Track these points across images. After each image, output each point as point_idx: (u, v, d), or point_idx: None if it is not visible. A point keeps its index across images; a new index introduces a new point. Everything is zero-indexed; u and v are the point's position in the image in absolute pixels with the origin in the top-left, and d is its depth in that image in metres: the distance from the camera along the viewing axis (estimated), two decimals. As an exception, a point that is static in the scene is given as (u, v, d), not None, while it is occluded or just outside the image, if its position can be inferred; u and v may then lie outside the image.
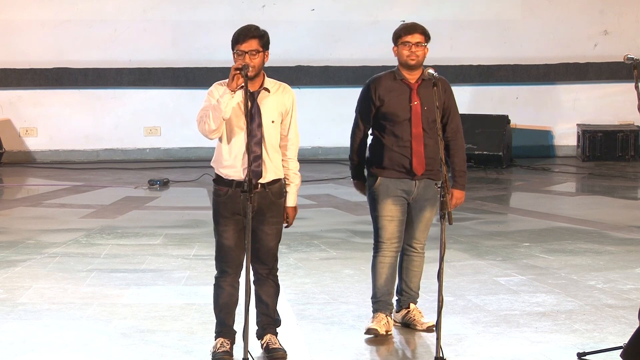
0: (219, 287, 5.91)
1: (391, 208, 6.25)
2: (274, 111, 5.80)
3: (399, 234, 6.30)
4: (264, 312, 5.99)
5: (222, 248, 5.85)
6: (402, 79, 6.27)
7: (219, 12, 14.92)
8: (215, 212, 5.85)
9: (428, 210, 6.34)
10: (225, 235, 5.81)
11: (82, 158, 15.09)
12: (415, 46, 6.17)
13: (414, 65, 6.21)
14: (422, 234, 6.40)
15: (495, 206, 11.50)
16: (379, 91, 6.27)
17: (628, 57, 5.89)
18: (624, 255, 8.70)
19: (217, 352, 5.88)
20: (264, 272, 5.92)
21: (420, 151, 6.20)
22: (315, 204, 11.36)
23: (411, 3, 14.97)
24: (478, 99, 15.21)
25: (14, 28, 14.79)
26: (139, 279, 7.90)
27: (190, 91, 14.96)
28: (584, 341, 6.18)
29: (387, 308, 6.37)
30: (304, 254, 8.79)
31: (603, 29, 15.40)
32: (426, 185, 6.27)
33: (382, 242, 6.30)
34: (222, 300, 5.91)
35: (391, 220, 6.26)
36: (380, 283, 6.35)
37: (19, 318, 6.77)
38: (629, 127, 15.05)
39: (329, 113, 14.99)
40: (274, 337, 5.98)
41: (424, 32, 6.21)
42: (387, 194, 6.25)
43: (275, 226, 5.87)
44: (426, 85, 6.21)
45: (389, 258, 6.32)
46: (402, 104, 6.22)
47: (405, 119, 6.21)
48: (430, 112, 6.18)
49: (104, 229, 9.94)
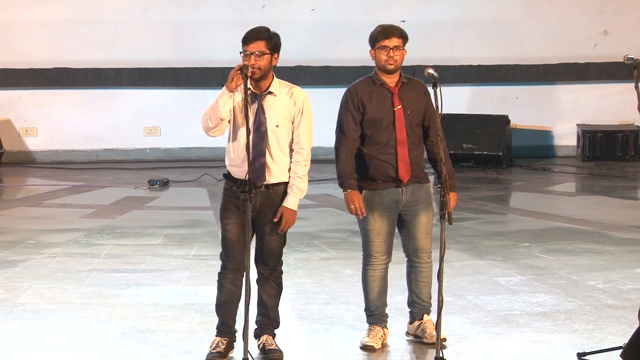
0: (220, 284, 5.94)
1: (377, 221, 6.10)
2: (279, 115, 5.77)
3: (387, 246, 6.15)
4: (263, 313, 6.00)
5: (225, 241, 5.87)
6: (382, 84, 6.12)
7: (219, 12, 14.92)
8: (222, 206, 5.89)
9: (423, 214, 6.14)
10: (228, 229, 5.84)
11: (82, 158, 15.09)
12: (393, 50, 6.02)
13: (393, 70, 6.07)
14: (424, 242, 6.18)
15: (495, 206, 11.50)
16: (361, 97, 6.11)
17: (628, 57, 5.89)
18: (624, 255, 8.70)
19: (212, 352, 5.90)
20: (266, 272, 5.94)
21: (405, 157, 6.05)
22: (315, 204, 11.36)
23: (411, 3, 14.98)
24: (478, 99, 15.21)
25: (14, 28, 14.79)
26: (139, 279, 7.90)
27: (190, 91, 14.97)
28: (584, 341, 6.18)
29: (382, 320, 6.25)
30: (304, 254, 8.79)
31: (603, 29, 15.40)
32: (414, 189, 6.11)
33: (371, 256, 6.17)
34: (221, 298, 5.93)
35: (378, 234, 6.11)
36: (372, 296, 6.23)
37: (18, 318, 6.77)
38: (629, 127, 15.05)
39: (329, 113, 14.79)
40: (270, 338, 5.98)
41: (401, 34, 6.06)
42: (373, 207, 6.09)
43: (278, 227, 5.87)
44: (406, 89, 6.10)
45: (378, 272, 6.19)
46: (385, 109, 6.07)
47: (388, 124, 6.06)
48: (412, 116, 6.07)
49: (104, 229, 9.94)
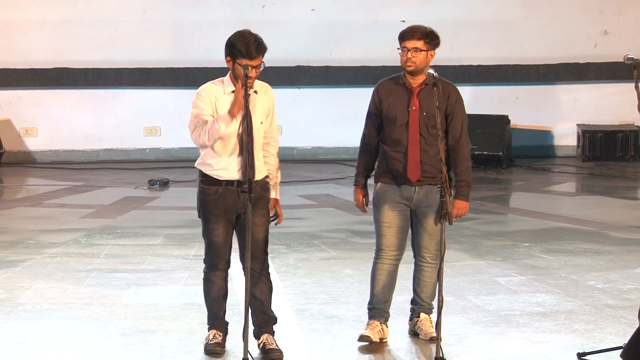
0: (210, 281, 6.02)
1: (389, 214, 6.17)
2: (261, 112, 5.91)
3: (397, 241, 6.19)
4: (259, 310, 6.02)
5: (213, 246, 5.94)
6: (404, 83, 6.16)
7: (219, 12, 14.91)
8: (206, 211, 5.92)
9: (431, 217, 6.15)
10: (216, 233, 5.90)
11: (82, 158, 15.09)
12: (412, 52, 6.02)
13: (412, 72, 6.08)
14: (429, 242, 6.20)
15: (495, 206, 11.50)
16: (381, 94, 6.19)
17: (628, 57, 5.89)
18: (623, 256, 8.70)
19: (210, 343, 5.96)
20: (257, 267, 5.94)
21: (415, 157, 6.08)
22: (315, 204, 11.36)
23: (411, 3, 14.97)
24: (478, 99, 15.20)
25: (14, 28, 14.79)
26: (139, 279, 7.90)
27: (190, 91, 14.73)
28: (583, 341, 6.18)
29: (382, 316, 6.28)
30: (304, 254, 8.79)
31: (603, 29, 15.39)
32: (428, 191, 6.13)
33: (381, 250, 6.23)
34: (214, 295, 6.02)
35: (389, 227, 6.17)
36: (377, 290, 6.26)
37: (18, 318, 6.77)
38: (629, 127, 15.05)
39: (329, 113, 15.00)
40: (270, 337, 6.00)
41: (424, 36, 6.03)
42: (385, 200, 6.17)
43: (263, 217, 5.94)
44: (429, 90, 6.06)
45: (387, 265, 6.23)
46: (401, 108, 6.11)
47: (402, 124, 6.10)
48: (429, 118, 6.06)
49: (103, 229, 9.94)
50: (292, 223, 9.92)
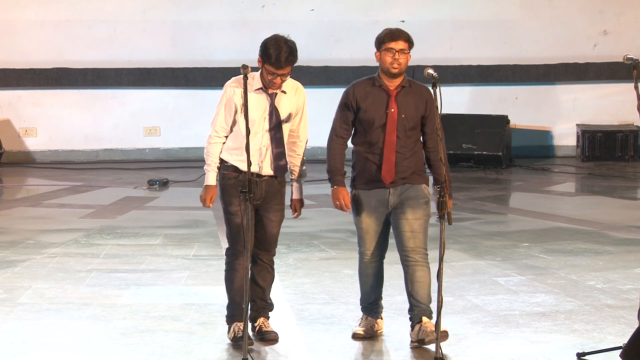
0: (234, 270, 6.06)
1: (366, 220, 6.20)
2: (285, 111, 6.04)
3: (376, 244, 6.23)
4: (260, 297, 6.17)
5: (235, 227, 5.98)
6: (381, 85, 6.14)
7: (219, 12, 14.92)
8: (227, 194, 6.03)
9: (409, 212, 6.09)
10: (239, 215, 5.94)
11: (81, 158, 15.09)
12: (398, 53, 6.04)
13: (397, 73, 6.08)
14: (413, 240, 6.08)
15: (494, 206, 11.50)
16: (357, 96, 6.17)
17: (628, 57, 5.88)
18: (623, 256, 8.70)
19: (238, 336, 5.98)
20: (266, 259, 6.12)
21: (390, 159, 6.08)
22: (315, 204, 11.35)
23: (411, 3, 14.97)
24: (478, 99, 15.21)
25: (14, 28, 14.78)
26: (139, 279, 7.90)
27: (189, 91, 14.97)
28: (583, 341, 6.18)
29: (375, 311, 6.34)
30: (304, 254, 8.80)
31: (603, 29, 15.39)
32: (403, 191, 6.11)
33: (362, 253, 6.30)
34: (237, 284, 6.04)
35: (366, 232, 6.22)
36: (365, 289, 6.36)
37: (18, 318, 6.77)
38: (628, 127, 15.05)
39: (329, 113, 14.73)
40: (266, 321, 6.17)
41: (408, 39, 6.08)
42: (361, 205, 6.19)
43: (279, 213, 6.12)
44: (406, 93, 6.11)
45: (370, 269, 6.29)
46: (379, 111, 6.11)
47: (379, 126, 6.10)
48: (407, 120, 6.09)
49: (103, 229, 9.94)
50: (292, 223, 9.87)
